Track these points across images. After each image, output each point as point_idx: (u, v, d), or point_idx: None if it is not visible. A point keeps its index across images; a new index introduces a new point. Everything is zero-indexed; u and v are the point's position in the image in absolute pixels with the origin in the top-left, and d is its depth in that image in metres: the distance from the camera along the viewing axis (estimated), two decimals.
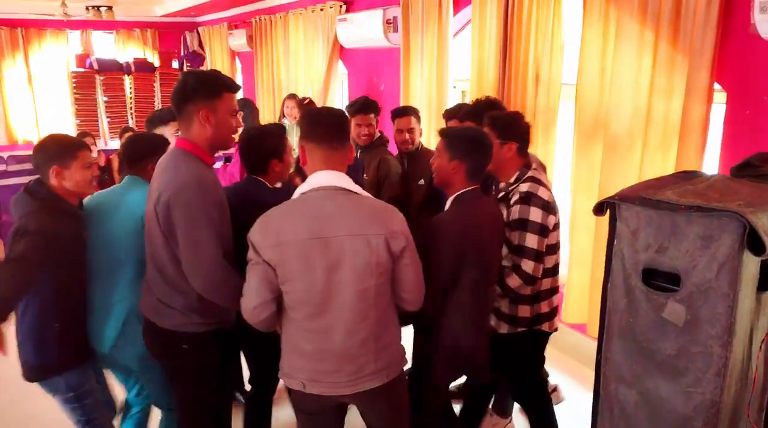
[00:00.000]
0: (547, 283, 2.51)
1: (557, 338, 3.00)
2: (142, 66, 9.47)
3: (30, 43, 9.25)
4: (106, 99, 9.27)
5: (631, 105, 3.12)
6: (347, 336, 1.90)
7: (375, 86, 5.78)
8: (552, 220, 2.43)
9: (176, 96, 2.08)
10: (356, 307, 1.88)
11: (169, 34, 10.12)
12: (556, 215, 2.47)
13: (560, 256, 2.58)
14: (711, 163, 2.94)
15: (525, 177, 2.46)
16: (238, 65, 9.16)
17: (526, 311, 2.49)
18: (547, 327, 2.57)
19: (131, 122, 9.11)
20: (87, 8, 7.60)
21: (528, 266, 2.36)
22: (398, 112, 3.64)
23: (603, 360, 1.96)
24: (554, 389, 3.41)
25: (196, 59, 9.91)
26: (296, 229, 1.84)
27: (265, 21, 7.55)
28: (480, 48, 4.16)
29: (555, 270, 2.55)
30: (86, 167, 2.34)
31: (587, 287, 3.56)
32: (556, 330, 2.64)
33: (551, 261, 2.50)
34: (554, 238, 2.47)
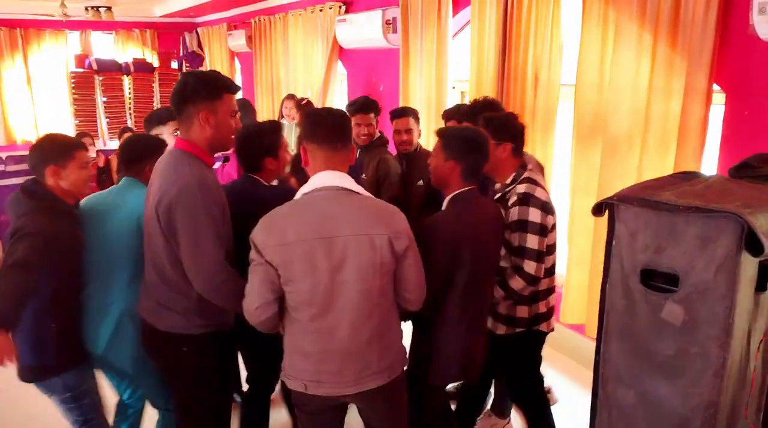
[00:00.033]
0: (545, 283, 2.51)
1: (556, 339, 3.00)
2: (141, 66, 9.48)
3: (29, 44, 9.24)
4: (105, 99, 9.29)
5: (630, 106, 3.13)
6: (352, 336, 1.90)
7: (374, 87, 5.78)
8: (551, 220, 2.43)
9: (176, 97, 2.07)
10: (360, 307, 1.88)
11: (169, 35, 10.12)
12: (554, 215, 2.48)
13: (556, 256, 2.58)
14: (709, 164, 2.95)
15: (521, 178, 2.47)
16: (238, 66, 9.16)
17: (525, 311, 2.50)
18: (545, 327, 2.58)
19: (130, 122, 9.12)
20: (86, 9, 7.58)
21: (530, 267, 2.36)
22: (396, 113, 3.65)
23: (601, 360, 1.96)
24: (548, 390, 3.40)
25: (196, 60, 9.90)
26: (300, 230, 1.84)
27: (265, 22, 7.55)
28: (479, 49, 4.16)
29: (552, 270, 2.56)
30: (83, 167, 2.33)
31: (586, 287, 3.57)
32: (553, 330, 2.65)
33: (549, 261, 2.50)
34: (552, 239, 2.48)
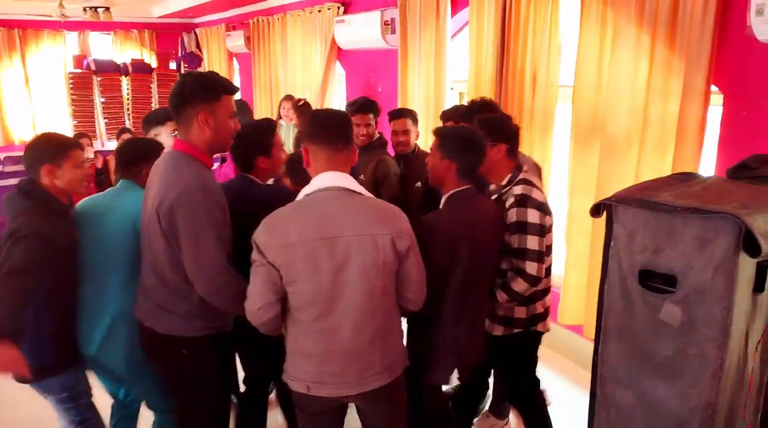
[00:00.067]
0: (542, 284, 2.50)
1: (554, 339, 3.00)
2: (140, 67, 9.48)
3: (27, 44, 9.21)
4: (104, 100, 9.28)
5: (628, 107, 3.13)
6: (354, 336, 1.89)
7: (373, 87, 5.78)
8: (548, 221, 2.44)
9: (174, 98, 2.06)
10: (363, 307, 1.88)
11: (167, 35, 10.11)
12: (551, 216, 2.48)
13: (552, 257, 2.59)
14: (708, 165, 2.95)
15: (517, 179, 2.47)
16: (236, 66, 9.15)
17: (522, 312, 2.50)
18: (542, 327, 2.59)
19: (128, 123, 9.11)
20: (84, 9, 7.57)
21: (532, 268, 2.36)
22: (394, 114, 3.65)
23: (599, 361, 1.96)
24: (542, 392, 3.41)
25: (194, 60, 9.88)
26: (302, 230, 1.84)
27: (263, 22, 7.54)
28: (477, 49, 4.16)
29: (548, 270, 2.56)
30: (78, 166, 2.33)
31: (584, 288, 3.57)
32: (549, 330, 2.66)
33: (546, 262, 2.49)
34: (549, 239, 2.48)
